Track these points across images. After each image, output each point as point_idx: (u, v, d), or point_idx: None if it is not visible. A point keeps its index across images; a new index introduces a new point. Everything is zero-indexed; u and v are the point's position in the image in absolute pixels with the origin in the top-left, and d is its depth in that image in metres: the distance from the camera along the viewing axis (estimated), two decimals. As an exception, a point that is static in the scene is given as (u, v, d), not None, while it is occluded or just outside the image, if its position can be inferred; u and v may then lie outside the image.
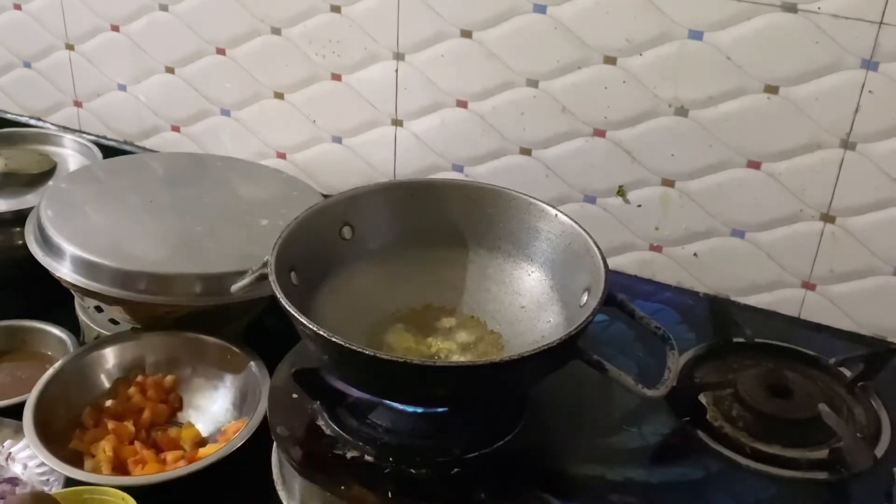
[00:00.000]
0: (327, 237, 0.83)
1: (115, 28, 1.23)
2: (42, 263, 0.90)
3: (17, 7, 1.29)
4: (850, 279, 0.94)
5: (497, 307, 0.86)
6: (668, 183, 0.98)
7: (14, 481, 0.81)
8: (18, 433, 0.83)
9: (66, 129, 1.32)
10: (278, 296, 0.71)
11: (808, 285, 0.96)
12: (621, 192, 1.01)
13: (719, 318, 0.90)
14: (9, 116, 1.37)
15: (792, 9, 0.86)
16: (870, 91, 0.86)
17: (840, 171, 0.90)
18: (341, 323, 0.79)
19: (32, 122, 1.36)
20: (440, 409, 0.76)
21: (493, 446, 0.74)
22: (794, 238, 0.95)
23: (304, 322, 0.68)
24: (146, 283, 0.86)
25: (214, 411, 0.89)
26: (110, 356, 0.91)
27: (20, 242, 0.96)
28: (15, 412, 0.84)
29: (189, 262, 0.89)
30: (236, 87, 1.18)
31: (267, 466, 0.79)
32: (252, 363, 0.88)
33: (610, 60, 0.95)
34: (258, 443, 0.80)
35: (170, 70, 1.22)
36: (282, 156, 1.20)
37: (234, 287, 0.80)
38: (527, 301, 0.85)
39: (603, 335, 0.87)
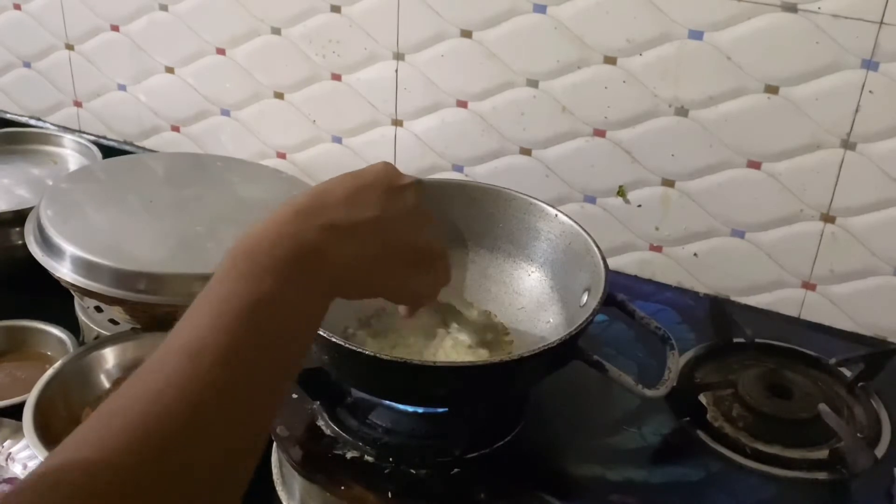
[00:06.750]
0: (327, 237, 0.83)
1: (115, 28, 1.23)
2: (42, 263, 0.90)
3: (17, 7, 1.29)
4: (850, 279, 0.94)
5: (497, 307, 0.86)
6: (668, 183, 0.98)
7: (14, 481, 0.81)
8: (18, 433, 0.83)
9: (66, 129, 1.32)
10: (278, 296, 0.71)
11: (808, 285, 0.96)
12: (621, 192, 1.01)
13: (719, 318, 0.90)
14: (9, 116, 1.37)
15: (792, 9, 0.86)
16: (870, 91, 0.86)
17: (840, 171, 0.90)
18: (341, 322, 0.79)
19: (32, 122, 1.36)
20: (440, 410, 0.76)
21: (493, 446, 0.74)
22: (794, 238, 0.95)
23: (304, 322, 0.68)
24: (146, 283, 0.86)
25: (214, 411, 0.89)
26: (110, 356, 0.91)
27: (20, 242, 0.96)
28: (15, 412, 0.84)
29: (189, 262, 0.89)
30: (236, 87, 1.18)
31: (267, 466, 0.79)
32: (252, 363, 0.88)
33: (610, 60, 0.95)
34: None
35: (170, 70, 1.22)
36: (282, 156, 1.20)
37: (234, 287, 0.80)
38: (527, 301, 0.85)
39: (603, 335, 0.87)
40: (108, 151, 1.22)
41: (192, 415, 0.44)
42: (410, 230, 0.60)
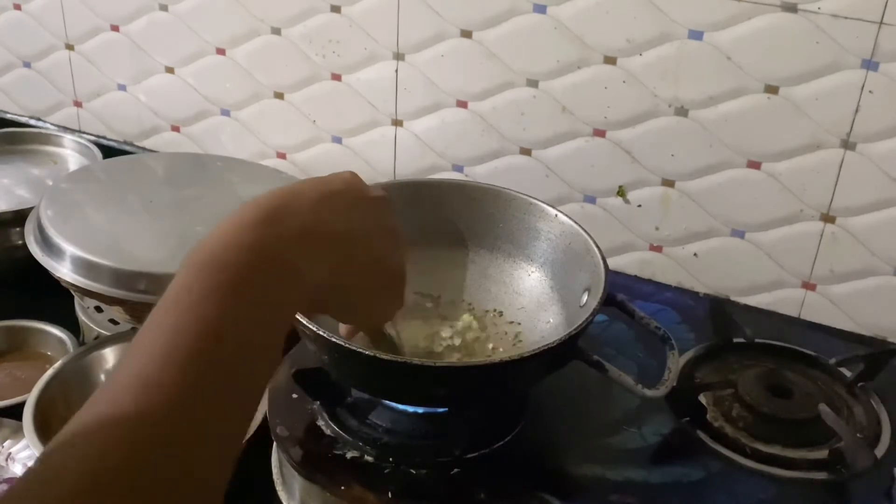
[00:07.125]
0: (327, 237, 0.83)
1: (115, 28, 1.23)
2: (42, 263, 0.90)
3: (17, 7, 1.29)
4: (850, 279, 0.94)
5: (497, 307, 0.86)
6: (668, 183, 0.98)
7: (14, 482, 0.81)
8: (18, 433, 0.83)
9: (66, 129, 1.32)
10: (278, 296, 0.71)
11: (808, 285, 0.96)
12: (621, 192, 1.01)
13: (719, 318, 0.90)
14: (9, 116, 1.37)
15: (792, 9, 0.86)
16: (870, 91, 0.86)
17: (840, 171, 0.90)
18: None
19: (32, 122, 1.36)
20: (440, 410, 0.76)
21: (493, 446, 0.74)
22: (794, 238, 0.95)
23: (304, 322, 0.68)
24: (146, 283, 0.86)
25: (214, 411, 0.89)
26: (110, 356, 0.91)
27: (20, 242, 0.96)
28: (15, 412, 0.84)
29: (189, 263, 0.89)
30: (236, 87, 1.18)
31: (267, 466, 0.79)
32: (252, 363, 0.88)
33: (610, 60, 0.95)
34: (258, 443, 0.79)
35: (170, 70, 1.22)
36: (282, 156, 1.20)
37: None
38: (527, 301, 0.85)
39: (603, 335, 0.87)
40: (108, 151, 1.22)
41: (135, 471, 0.38)
42: (384, 246, 0.55)
